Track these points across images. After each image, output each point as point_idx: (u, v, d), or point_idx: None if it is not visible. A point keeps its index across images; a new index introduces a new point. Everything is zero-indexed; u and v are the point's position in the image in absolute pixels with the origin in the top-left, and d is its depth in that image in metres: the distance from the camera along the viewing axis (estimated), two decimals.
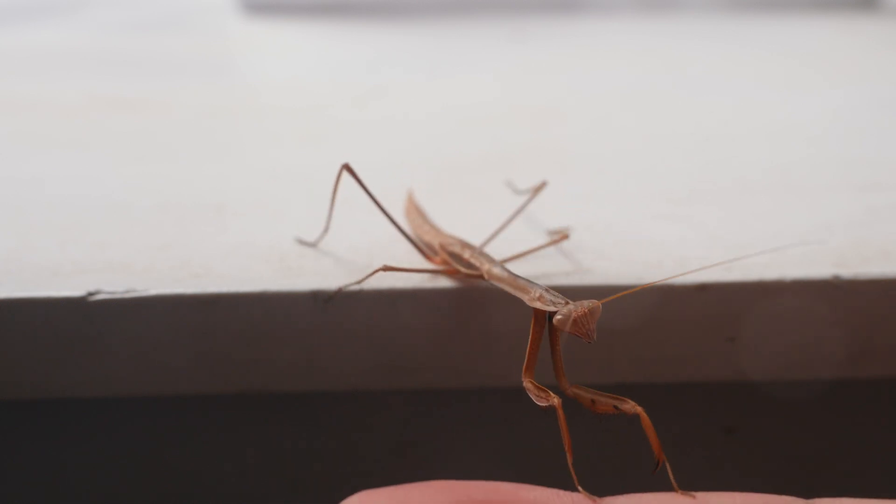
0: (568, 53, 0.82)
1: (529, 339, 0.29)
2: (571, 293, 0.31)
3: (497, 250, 0.35)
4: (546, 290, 0.29)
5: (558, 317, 0.28)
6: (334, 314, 0.33)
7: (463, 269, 0.33)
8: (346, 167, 0.35)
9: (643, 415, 0.27)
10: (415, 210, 0.39)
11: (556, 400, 0.27)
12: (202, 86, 0.68)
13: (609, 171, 0.48)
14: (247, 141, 0.54)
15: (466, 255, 0.34)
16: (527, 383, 0.29)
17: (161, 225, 0.39)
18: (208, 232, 0.39)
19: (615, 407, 0.28)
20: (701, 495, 0.26)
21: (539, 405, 0.28)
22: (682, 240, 0.38)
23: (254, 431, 0.38)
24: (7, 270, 0.34)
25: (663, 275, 0.34)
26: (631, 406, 0.27)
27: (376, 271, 0.33)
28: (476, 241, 0.36)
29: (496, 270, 0.32)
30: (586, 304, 0.28)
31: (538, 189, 0.39)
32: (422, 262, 0.36)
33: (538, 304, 0.29)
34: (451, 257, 0.35)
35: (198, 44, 0.85)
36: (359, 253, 0.37)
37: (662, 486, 0.26)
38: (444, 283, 0.34)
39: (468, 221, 0.40)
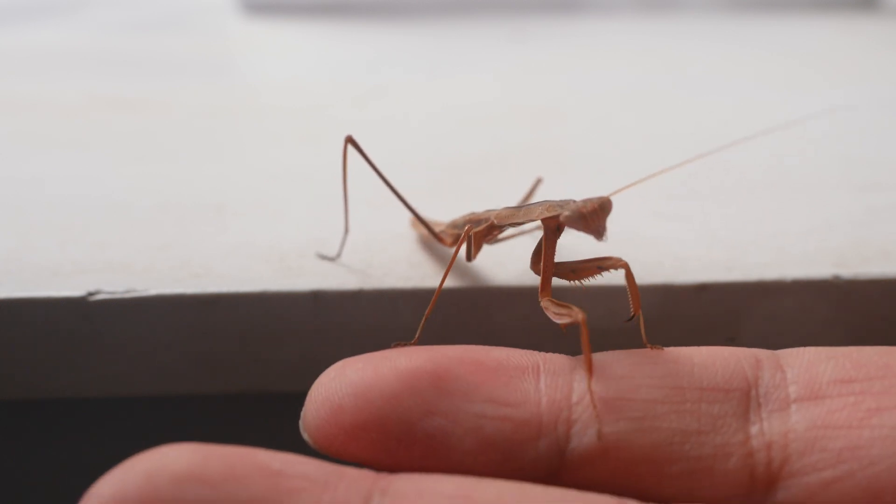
0: (568, 53, 0.82)
1: (543, 257, 0.29)
2: (571, 293, 0.31)
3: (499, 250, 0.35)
4: (552, 201, 0.29)
5: (566, 213, 0.27)
6: (334, 314, 0.33)
7: (473, 231, 0.32)
8: (350, 140, 0.35)
9: (627, 268, 0.27)
10: (416, 222, 0.39)
11: (580, 315, 0.26)
12: (202, 86, 0.68)
13: (609, 170, 0.48)
14: (247, 141, 0.54)
15: (470, 217, 0.33)
16: (545, 302, 0.28)
17: (161, 225, 0.39)
18: (208, 232, 0.39)
19: (599, 268, 0.27)
20: (669, 350, 0.26)
21: (560, 323, 0.27)
22: (682, 239, 0.38)
23: (254, 431, 0.38)
24: (7, 270, 0.34)
25: (663, 274, 0.34)
26: (616, 261, 0.27)
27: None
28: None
29: (502, 211, 0.32)
30: (595, 199, 0.27)
31: (535, 186, 0.39)
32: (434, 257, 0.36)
33: (547, 214, 0.28)
34: (458, 230, 0.34)
35: (198, 44, 0.85)
36: (357, 251, 0.37)
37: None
38: (444, 283, 0.34)
39: None
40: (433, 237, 0.35)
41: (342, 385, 0.25)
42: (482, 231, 0.32)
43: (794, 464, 0.24)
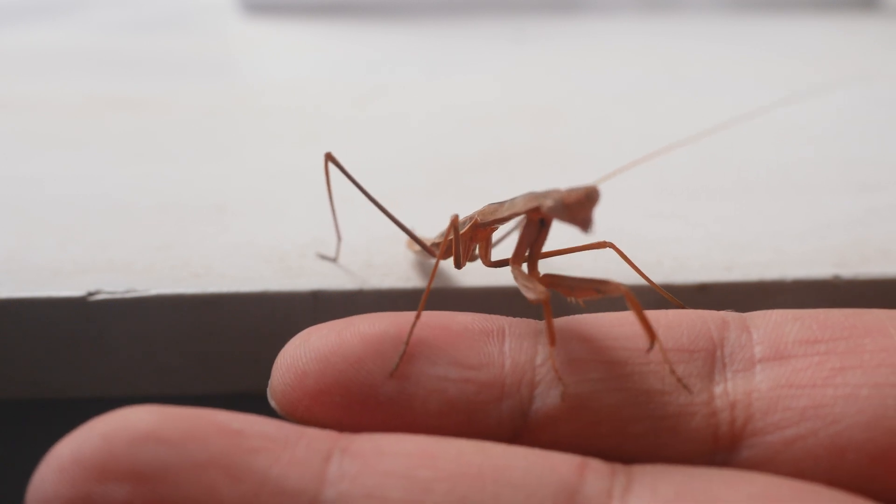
0: (568, 53, 0.82)
1: (519, 237, 0.28)
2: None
3: (502, 252, 0.35)
4: (535, 192, 0.27)
5: (548, 204, 0.26)
6: (334, 314, 0.33)
7: (460, 234, 0.31)
8: (329, 157, 0.34)
9: (629, 294, 0.25)
10: (411, 243, 0.38)
11: (543, 294, 0.26)
12: (202, 86, 0.68)
13: (609, 170, 0.48)
14: (247, 141, 0.54)
15: (456, 223, 0.32)
16: (514, 270, 0.28)
17: (161, 225, 0.39)
18: (208, 232, 0.39)
19: (597, 290, 0.26)
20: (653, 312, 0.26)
21: (527, 297, 0.26)
22: (681, 239, 0.38)
23: None
24: (7, 270, 0.34)
25: (663, 274, 0.34)
26: (614, 287, 0.26)
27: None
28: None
29: (485, 208, 0.30)
30: (580, 188, 0.25)
31: None
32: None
33: (531, 204, 0.27)
34: (445, 239, 0.33)
35: (198, 44, 0.84)
36: (357, 253, 0.37)
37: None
38: (444, 282, 0.34)
39: None
40: (426, 252, 0.34)
41: (306, 351, 0.25)
42: (467, 233, 0.31)
43: (758, 422, 0.24)
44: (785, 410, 0.24)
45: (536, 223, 0.28)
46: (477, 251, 0.32)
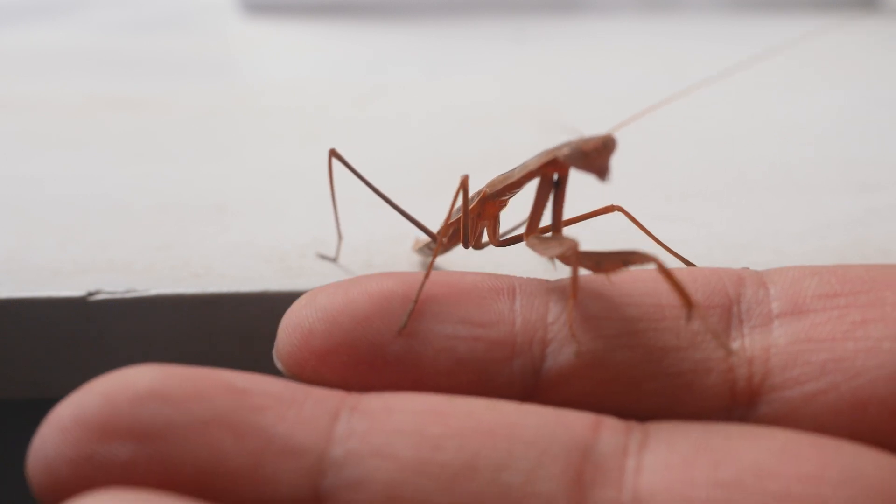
0: (568, 53, 0.82)
1: (533, 201, 0.27)
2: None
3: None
4: (548, 148, 0.26)
5: (565, 151, 0.25)
6: None
7: (467, 214, 0.30)
8: (333, 152, 0.34)
9: (659, 263, 0.24)
10: (418, 242, 0.37)
11: (572, 243, 0.24)
12: (202, 86, 0.68)
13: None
14: (247, 141, 0.54)
15: (460, 204, 0.31)
16: (531, 240, 0.26)
17: (161, 225, 0.39)
18: (208, 232, 0.39)
19: (624, 262, 0.25)
20: (649, 270, 0.25)
21: (554, 256, 0.25)
22: (682, 239, 0.38)
23: None
24: (7, 270, 0.34)
25: None
26: (643, 256, 0.25)
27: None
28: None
29: (492, 178, 0.29)
30: (597, 136, 0.25)
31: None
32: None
33: (545, 159, 0.26)
34: (452, 224, 0.32)
35: (198, 44, 0.84)
36: (357, 253, 0.37)
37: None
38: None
39: None
40: (433, 241, 0.33)
41: (313, 311, 0.24)
42: (475, 208, 0.30)
43: (776, 378, 0.23)
44: (804, 365, 0.23)
45: (550, 182, 0.27)
46: (485, 236, 0.31)
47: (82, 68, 0.73)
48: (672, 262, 0.34)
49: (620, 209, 0.30)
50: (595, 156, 0.25)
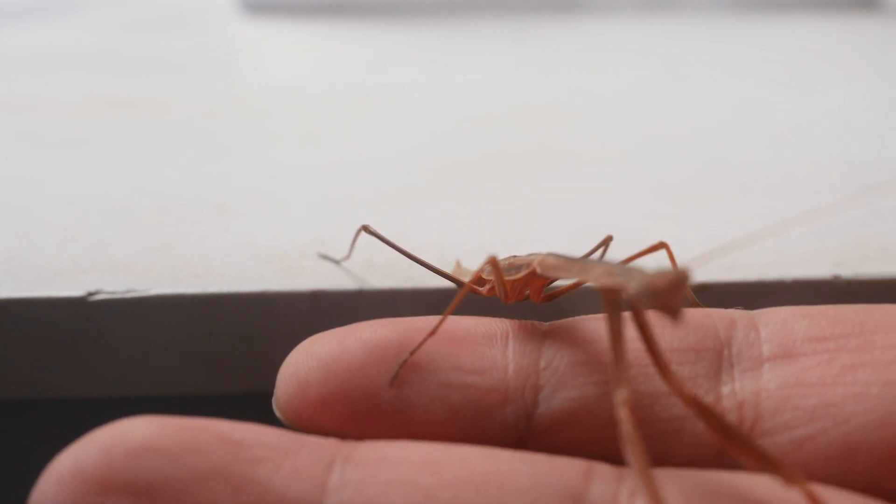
0: (568, 53, 0.82)
1: (609, 337, 0.23)
2: (571, 293, 0.31)
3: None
4: (615, 265, 0.23)
5: (633, 286, 0.21)
6: (334, 314, 0.33)
7: (513, 279, 0.28)
8: (366, 229, 0.33)
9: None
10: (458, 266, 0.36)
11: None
12: (202, 86, 0.68)
13: (609, 171, 0.48)
14: (247, 141, 0.54)
15: (506, 263, 0.29)
16: (624, 412, 0.21)
17: (161, 225, 0.39)
18: (208, 232, 0.39)
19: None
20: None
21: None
22: (682, 240, 0.38)
23: None
24: (7, 270, 0.34)
25: None
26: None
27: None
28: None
29: (546, 257, 0.27)
30: (669, 272, 0.21)
31: (604, 245, 0.34)
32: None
33: (606, 281, 0.23)
34: (489, 277, 0.30)
35: (198, 44, 0.84)
36: (358, 253, 0.37)
37: None
38: (445, 282, 0.34)
39: (469, 222, 0.40)
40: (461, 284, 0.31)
41: (309, 360, 0.25)
42: (522, 280, 0.28)
43: (766, 423, 0.23)
44: (794, 410, 0.23)
45: (615, 304, 0.23)
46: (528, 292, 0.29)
47: (82, 68, 0.73)
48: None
49: (666, 246, 0.29)
50: (664, 294, 0.21)
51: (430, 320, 0.26)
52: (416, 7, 0.97)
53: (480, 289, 0.31)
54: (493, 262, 0.27)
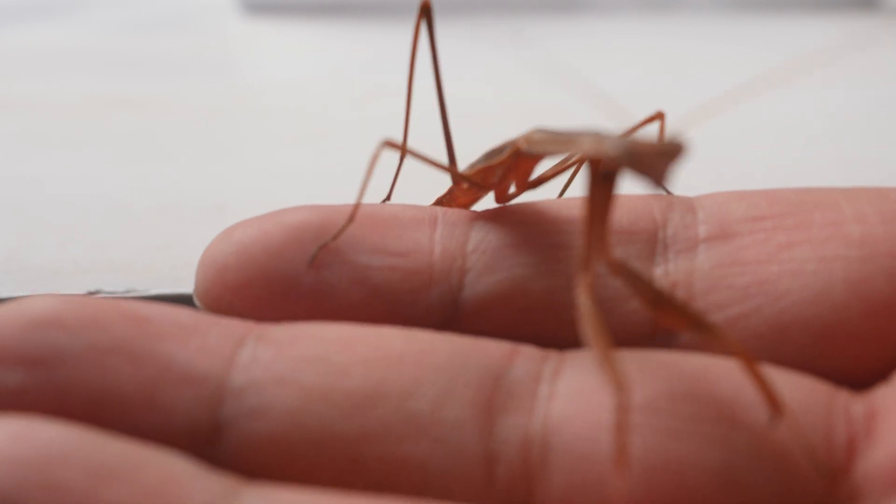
0: (568, 53, 0.82)
1: (587, 209, 0.22)
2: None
3: None
4: (604, 133, 0.22)
5: (615, 149, 0.20)
6: None
7: (497, 161, 0.28)
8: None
9: (746, 358, 0.20)
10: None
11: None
12: (202, 86, 0.68)
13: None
14: (247, 141, 0.54)
15: (493, 149, 0.28)
16: (585, 293, 0.20)
17: (161, 225, 0.39)
18: (209, 232, 0.39)
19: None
20: (573, 198, 0.24)
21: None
22: None
23: None
24: (7, 270, 0.34)
25: None
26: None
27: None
28: None
29: (531, 132, 0.26)
30: (659, 139, 0.20)
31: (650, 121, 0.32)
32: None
33: (595, 147, 0.21)
34: (479, 172, 0.29)
35: (198, 44, 0.85)
36: None
37: None
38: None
39: None
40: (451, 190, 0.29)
41: (228, 245, 0.24)
42: (505, 162, 0.27)
43: (699, 302, 0.23)
44: (728, 288, 0.23)
45: (599, 174, 0.22)
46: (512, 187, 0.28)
47: (82, 68, 0.73)
48: None
49: (662, 117, 0.28)
50: (651, 160, 0.20)
51: (350, 206, 0.25)
52: (415, 7, 0.97)
53: (460, 194, 0.29)
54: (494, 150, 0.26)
